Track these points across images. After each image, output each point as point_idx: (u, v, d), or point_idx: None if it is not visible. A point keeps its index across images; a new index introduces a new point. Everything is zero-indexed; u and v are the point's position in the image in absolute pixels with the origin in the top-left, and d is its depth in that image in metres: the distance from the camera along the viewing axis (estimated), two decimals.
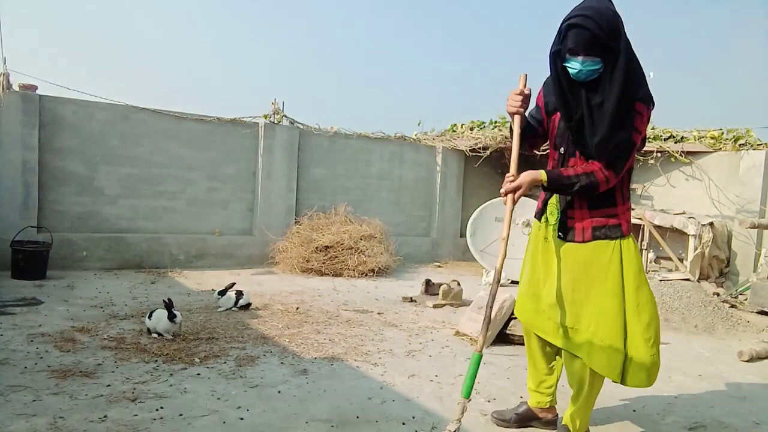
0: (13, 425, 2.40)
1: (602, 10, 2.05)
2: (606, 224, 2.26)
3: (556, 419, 2.70)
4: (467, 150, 8.75)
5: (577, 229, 2.31)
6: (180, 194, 6.89)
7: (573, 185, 2.20)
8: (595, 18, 2.02)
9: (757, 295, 5.90)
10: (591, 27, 2.02)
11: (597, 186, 2.19)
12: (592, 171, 2.18)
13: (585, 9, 2.06)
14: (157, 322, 3.77)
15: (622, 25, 2.09)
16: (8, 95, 5.72)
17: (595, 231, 2.27)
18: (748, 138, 7.18)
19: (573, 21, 2.06)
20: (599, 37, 2.03)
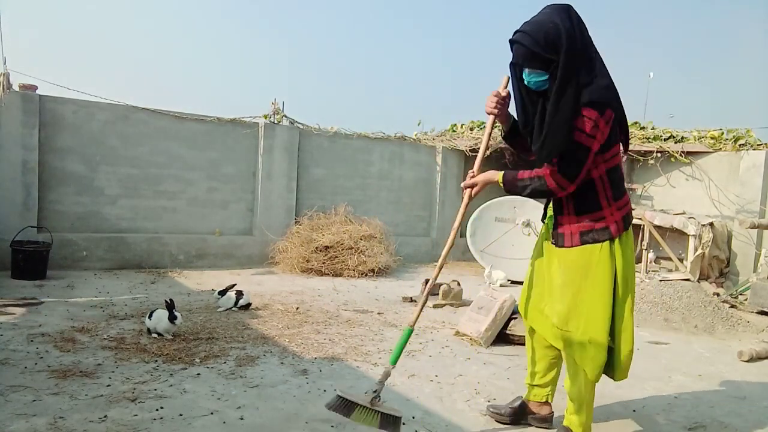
0: (13, 425, 2.40)
1: (543, 24, 2.16)
2: (593, 228, 2.30)
3: (551, 416, 2.69)
4: (467, 150, 8.75)
5: (566, 235, 2.36)
6: (180, 194, 6.89)
7: (525, 188, 2.32)
8: (532, 34, 2.15)
9: (757, 295, 5.91)
10: (527, 43, 2.16)
11: (549, 190, 2.26)
12: (541, 175, 2.27)
13: (526, 24, 2.21)
14: (158, 322, 3.77)
15: (568, 37, 2.14)
16: (8, 95, 5.72)
17: (583, 236, 2.31)
18: (748, 138, 7.19)
19: (512, 38, 2.22)
20: (535, 53, 2.15)
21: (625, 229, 2.34)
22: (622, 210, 2.33)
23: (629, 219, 2.37)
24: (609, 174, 2.28)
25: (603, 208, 2.29)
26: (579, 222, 2.32)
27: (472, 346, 4.12)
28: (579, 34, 2.18)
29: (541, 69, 2.19)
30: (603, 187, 2.29)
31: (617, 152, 2.31)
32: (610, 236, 2.28)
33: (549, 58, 2.14)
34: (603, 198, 2.29)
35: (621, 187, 2.35)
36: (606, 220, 2.29)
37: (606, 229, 2.29)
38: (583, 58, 2.18)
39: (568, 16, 2.18)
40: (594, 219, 2.30)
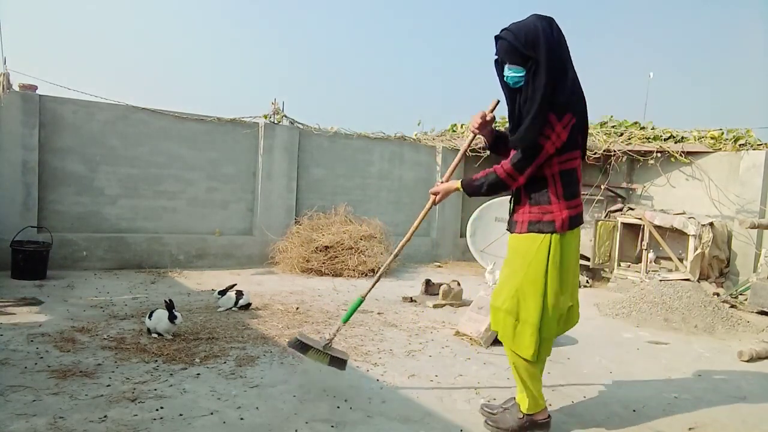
0: (13, 425, 2.40)
1: (525, 24, 2.37)
2: (541, 220, 2.49)
3: (548, 421, 2.68)
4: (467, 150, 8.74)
5: (518, 222, 2.57)
6: (180, 194, 6.89)
7: (482, 185, 2.59)
8: (514, 31, 2.37)
9: (757, 295, 5.91)
10: (509, 38, 2.37)
11: (501, 182, 2.51)
12: (493, 170, 2.54)
13: (511, 24, 2.41)
14: (158, 322, 3.77)
15: (546, 41, 2.32)
16: (8, 95, 5.72)
17: (531, 225, 2.51)
18: (748, 138, 7.18)
19: (497, 34, 2.44)
20: (516, 47, 2.35)
21: (571, 228, 2.50)
22: (572, 210, 2.50)
23: (577, 220, 2.53)
24: (562, 175, 2.47)
25: (552, 204, 2.48)
26: (530, 213, 2.52)
27: (472, 346, 4.12)
28: (557, 43, 2.37)
29: (520, 65, 2.38)
30: (554, 185, 2.48)
31: (575, 157, 2.49)
32: (553, 230, 2.47)
33: (527, 55, 2.34)
34: (553, 195, 2.48)
35: (574, 189, 2.52)
36: (553, 215, 2.48)
37: (552, 223, 2.47)
38: (557, 66, 2.35)
39: (549, 25, 2.38)
40: (543, 212, 2.49)
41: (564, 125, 2.36)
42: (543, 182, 2.48)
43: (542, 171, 2.46)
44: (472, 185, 2.62)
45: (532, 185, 2.51)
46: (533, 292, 2.47)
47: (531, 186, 2.51)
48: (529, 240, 2.50)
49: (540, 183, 2.49)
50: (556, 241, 2.47)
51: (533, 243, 2.49)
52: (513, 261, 2.56)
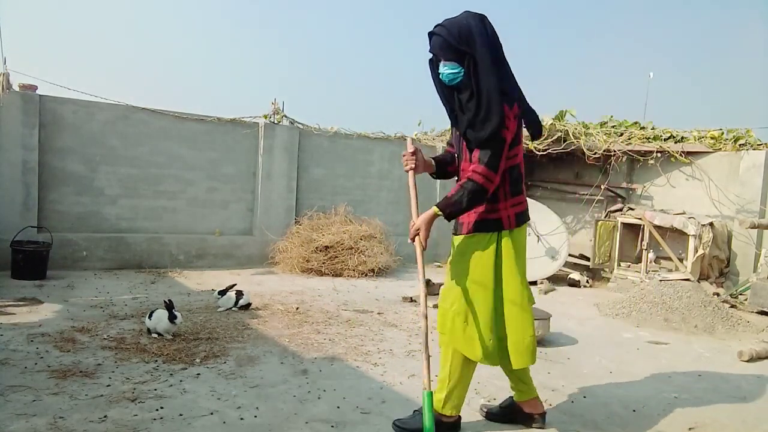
0: (13, 425, 2.40)
1: (458, 21, 2.37)
2: (486, 218, 2.47)
3: (543, 415, 2.71)
4: None
5: (464, 224, 2.52)
6: (180, 194, 6.88)
7: (461, 199, 2.38)
8: (447, 27, 2.36)
9: (757, 295, 5.90)
10: (442, 34, 2.36)
11: (480, 186, 2.36)
12: (468, 178, 2.39)
13: (444, 20, 2.40)
14: (157, 322, 3.77)
15: (480, 36, 2.34)
16: (8, 95, 5.72)
17: (477, 224, 2.48)
18: (748, 138, 7.17)
19: (431, 30, 2.42)
20: (450, 43, 2.34)
21: (518, 225, 2.50)
22: (517, 207, 2.50)
23: (523, 217, 2.53)
24: (510, 171, 2.46)
25: (499, 201, 2.46)
26: (476, 212, 2.48)
27: None
28: (491, 37, 2.38)
29: (455, 61, 2.36)
30: (503, 182, 2.45)
31: (518, 152, 2.49)
32: (500, 228, 2.45)
33: (462, 51, 2.34)
34: (501, 192, 2.46)
35: (518, 185, 2.51)
36: (500, 213, 2.46)
37: (498, 221, 2.46)
38: (496, 58, 2.36)
39: (481, 21, 2.39)
40: (489, 210, 2.46)
41: (515, 115, 2.36)
42: None
43: None
44: (450, 204, 2.40)
45: None
46: (482, 292, 2.45)
47: None
48: (476, 239, 2.47)
49: None
50: (503, 239, 2.46)
51: (480, 243, 2.46)
52: (460, 261, 2.51)
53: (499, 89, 2.32)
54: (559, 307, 5.74)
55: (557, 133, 7.95)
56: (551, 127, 7.93)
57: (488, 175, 2.35)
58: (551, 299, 6.32)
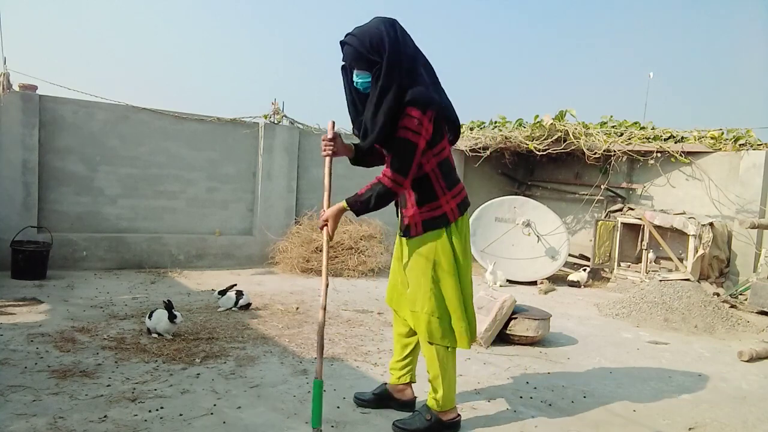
0: (13, 425, 2.40)
1: (369, 29, 2.40)
2: (432, 217, 2.52)
3: (413, 402, 2.81)
4: (467, 150, 8.75)
5: (411, 225, 2.56)
6: (180, 194, 6.88)
7: (369, 199, 2.46)
8: (358, 36, 2.39)
9: (757, 295, 5.90)
10: (354, 44, 2.39)
11: (389, 191, 2.43)
12: (378, 180, 2.46)
13: (355, 29, 2.43)
14: (157, 322, 3.77)
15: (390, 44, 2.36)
16: (8, 95, 5.72)
17: (425, 224, 2.53)
18: (748, 138, 7.17)
19: (342, 40, 2.46)
20: (360, 52, 2.37)
21: (461, 215, 2.57)
22: (457, 198, 2.56)
23: (464, 205, 2.60)
24: (440, 166, 2.51)
25: (439, 197, 2.51)
26: (420, 213, 2.53)
27: (472, 346, 4.11)
28: (401, 44, 2.41)
29: (366, 70, 2.41)
30: (437, 179, 2.51)
31: (444, 146, 2.53)
32: (447, 222, 2.52)
33: (373, 60, 2.37)
34: (438, 188, 2.51)
35: (453, 176, 2.57)
36: (442, 208, 2.52)
37: (444, 216, 2.52)
38: (406, 65, 2.40)
39: (392, 27, 2.42)
40: (432, 208, 2.52)
41: (429, 119, 2.39)
42: (426, 180, 2.50)
43: (422, 169, 2.48)
44: (358, 201, 2.48)
45: (416, 186, 2.51)
46: (448, 286, 2.52)
47: (418, 188, 2.51)
48: (428, 239, 2.52)
49: (424, 181, 2.50)
50: (452, 231, 2.53)
51: (432, 241, 2.52)
52: (417, 264, 2.55)
53: (400, 99, 2.34)
54: (559, 307, 5.75)
55: (557, 133, 7.94)
56: (551, 127, 7.93)
57: (397, 179, 2.41)
58: (551, 299, 6.33)
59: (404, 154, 2.39)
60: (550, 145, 7.95)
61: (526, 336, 4.16)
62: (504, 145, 8.57)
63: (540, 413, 2.92)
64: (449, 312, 2.54)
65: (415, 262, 2.57)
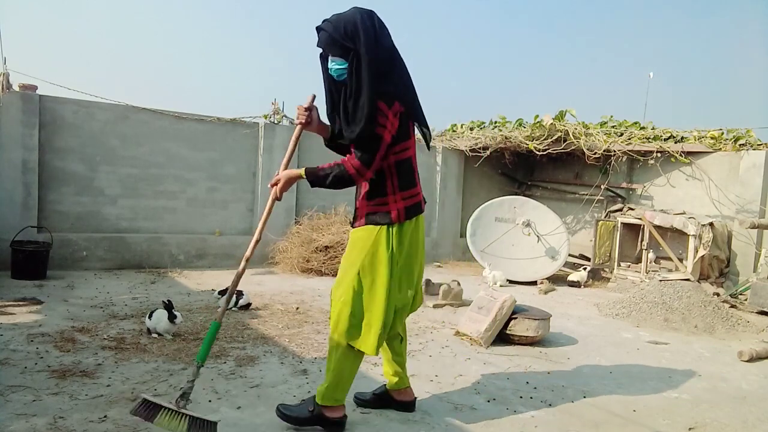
0: (13, 425, 2.40)
1: (346, 16, 2.39)
2: (377, 211, 2.50)
3: (413, 402, 2.82)
4: (467, 150, 8.75)
5: (359, 216, 2.57)
6: (180, 194, 6.88)
7: (327, 176, 2.46)
8: (334, 23, 2.38)
9: (757, 295, 5.90)
10: (328, 29, 2.38)
11: (349, 176, 2.42)
12: (342, 162, 2.44)
13: (332, 16, 2.42)
14: (157, 322, 3.77)
15: (365, 33, 2.34)
16: (8, 95, 5.72)
17: (369, 216, 2.52)
18: (748, 138, 7.17)
19: (318, 26, 2.44)
20: (335, 38, 2.36)
21: (408, 218, 2.51)
22: (407, 201, 2.52)
23: (415, 210, 2.55)
24: (398, 165, 2.49)
25: (388, 195, 2.49)
26: (368, 206, 2.52)
27: (472, 346, 4.12)
28: (377, 35, 2.39)
29: (341, 57, 2.38)
30: (390, 176, 2.49)
31: (408, 147, 2.52)
32: (389, 221, 2.47)
33: (348, 47, 2.35)
34: (389, 186, 2.49)
35: (410, 179, 2.54)
36: (389, 206, 2.49)
37: (387, 214, 2.48)
38: (381, 56, 2.38)
39: (369, 18, 2.41)
40: (379, 204, 2.50)
41: (395, 113, 2.38)
42: (381, 175, 2.47)
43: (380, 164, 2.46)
44: (317, 174, 2.48)
45: (371, 180, 2.49)
46: (372, 285, 2.46)
47: (370, 180, 2.49)
48: (366, 232, 2.49)
49: (378, 176, 2.47)
50: (393, 232, 2.47)
51: (370, 235, 2.48)
52: (351, 254, 2.54)
53: (377, 88, 2.33)
54: (559, 307, 5.75)
55: (557, 133, 7.95)
56: (551, 127, 7.94)
57: (360, 169, 2.39)
58: (551, 299, 6.33)
59: (369, 146, 2.37)
60: (550, 145, 7.95)
61: (526, 336, 4.16)
62: (504, 145, 8.57)
63: (540, 413, 2.92)
64: (365, 310, 2.47)
65: (349, 251, 2.55)
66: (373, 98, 2.32)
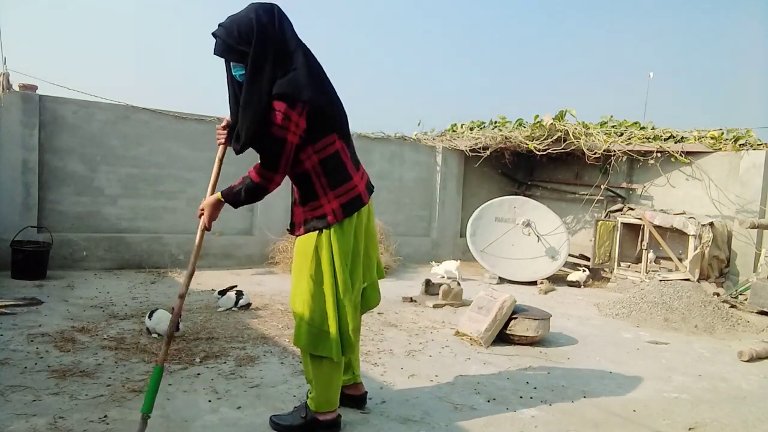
0: (13, 425, 2.40)
1: (239, 18, 2.26)
2: (313, 216, 2.42)
3: (364, 396, 2.81)
4: (467, 150, 8.75)
5: (297, 224, 2.51)
6: (180, 194, 6.88)
7: (239, 192, 2.37)
8: (227, 27, 2.25)
9: (757, 295, 5.90)
10: (222, 35, 2.26)
11: (257, 186, 2.33)
12: (248, 174, 2.36)
13: (226, 19, 2.29)
14: (158, 323, 3.77)
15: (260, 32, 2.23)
16: (8, 95, 5.72)
17: (306, 224, 2.45)
18: (748, 138, 7.17)
19: (213, 32, 2.31)
20: (229, 44, 2.25)
21: (346, 216, 2.41)
22: (341, 198, 2.41)
23: (351, 206, 2.43)
24: (323, 164, 2.36)
25: (320, 197, 2.40)
26: (304, 212, 2.46)
27: (472, 346, 4.12)
28: (276, 31, 2.27)
29: (239, 62, 2.28)
30: (318, 177, 2.38)
31: (331, 142, 2.37)
32: (326, 224, 2.39)
33: (243, 51, 2.23)
34: (319, 188, 2.39)
35: (339, 175, 2.41)
36: (323, 208, 2.40)
37: (323, 217, 2.40)
38: (278, 53, 2.26)
39: (266, 13, 2.27)
40: (313, 208, 2.42)
41: (299, 113, 2.23)
42: (307, 178, 2.38)
43: (302, 166, 2.36)
44: (230, 193, 2.38)
45: (300, 184, 2.43)
46: (323, 291, 2.40)
47: (299, 185, 2.44)
48: (308, 240, 2.43)
49: (305, 179, 2.39)
50: (333, 234, 2.38)
51: (310, 242, 2.41)
52: (298, 263, 2.47)
53: (276, 90, 2.22)
54: (559, 307, 5.75)
55: (557, 133, 7.95)
56: (551, 127, 7.94)
57: (264, 173, 2.30)
58: (551, 299, 6.33)
59: (271, 150, 2.26)
60: (550, 145, 7.95)
61: (526, 336, 4.16)
62: (504, 145, 8.57)
63: (540, 413, 2.92)
64: (320, 317, 2.41)
65: (295, 261, 2.49)
66: (263, 101, 2.22)
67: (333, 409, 2.54)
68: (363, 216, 2.53)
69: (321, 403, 2.50)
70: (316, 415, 2.51)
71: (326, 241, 2.39)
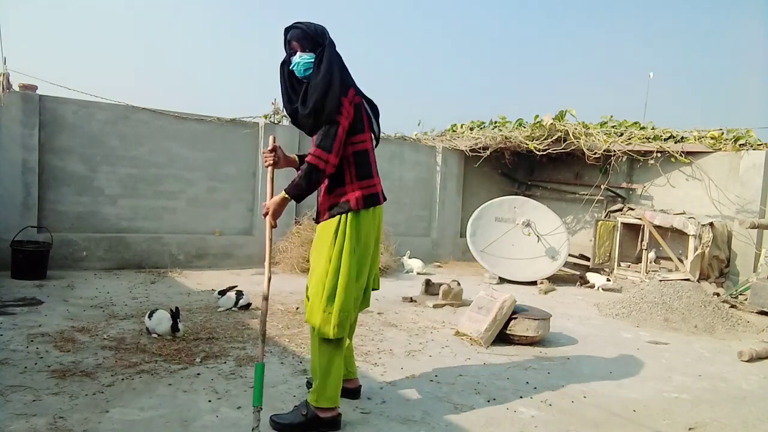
0: (13, 425, 2.40)
1: (311, 22, 2.64)
2: (337, 202, 2.61)
3: (358, 389, 2.93)
4: (467, 150, 8.75)
5: (322, 212, 2.68)
6: (180, 194, 6.88)
7: (301, 182, 2.55)
8: (304, 23, 2.63)
9: (757, 295, 5.90)
10: (301, 26, 2.61)
11: (316, 168, 2.50)
12: (306, 161, 2.54)
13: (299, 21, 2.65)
14: (158, 323, 3.77)
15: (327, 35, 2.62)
16: (8, 95, 5.72)
17: (330, 209, 2.62)
18: (748, 138, 7.18)
19: (289, 26, 2.64)
20: (308, 33, 2.59)
21: (365, 207, 2.60)
22: (365, 190, 2.61)
23: (372, 200, 2.63)
24: (355, 156, 2.60)
25: (345, 185, 2.60)
26: (329, 199, 2.64)
27: (472, 346, 4.12)
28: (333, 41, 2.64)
29: (312, 51, 2.58)
30: (349, 166, 2.61)
31: (365, 140, 2.64)
32: (349, 208, 2.57)
33: (318, 42, 2.58)
34: (347, 176, 2.61)
35: (366, 170, 2.64)
36: (347, 195, 2.60)
37: (346, 202, 2.59)
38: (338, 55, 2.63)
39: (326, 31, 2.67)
40: (337, 195, 2.61)
41: (350, 101, 2.53)
42: (339, 166, 2.57)
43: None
44: (293, 186, 2.58)
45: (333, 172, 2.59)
46: (335, 272, 2.54)
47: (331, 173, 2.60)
48: (331, 223, 2.59)
49: (336, 168, 2.57)
50: (351, 219, 2.56)
51: (333, 226, 2.58)
52: (317, 246, 2.64)
53: (340, 80, 2.53)
54: (559, 307, 5.75)
55: (557, 133, 7.95)
56: (551, 127, 7.94)
57: (321, 155, 2.49)
58: (551, 299, 6.33)
59: (326, 131, 2.49)
60: (550, 145, 7.95)
61: (526, 336, 4.16)
62: (504, 145, 8.57)
63: (540, 413, 2.92)
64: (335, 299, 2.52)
65: (316, 243, 2.66)
66: (336, 83, 2.50)
67: (333, 406, 2.56)
68: (376, 219, 2.69)
69: (322, 398, 2.53)
70: (317, 411, 2.53)
71: (346, 225, 2.56)
